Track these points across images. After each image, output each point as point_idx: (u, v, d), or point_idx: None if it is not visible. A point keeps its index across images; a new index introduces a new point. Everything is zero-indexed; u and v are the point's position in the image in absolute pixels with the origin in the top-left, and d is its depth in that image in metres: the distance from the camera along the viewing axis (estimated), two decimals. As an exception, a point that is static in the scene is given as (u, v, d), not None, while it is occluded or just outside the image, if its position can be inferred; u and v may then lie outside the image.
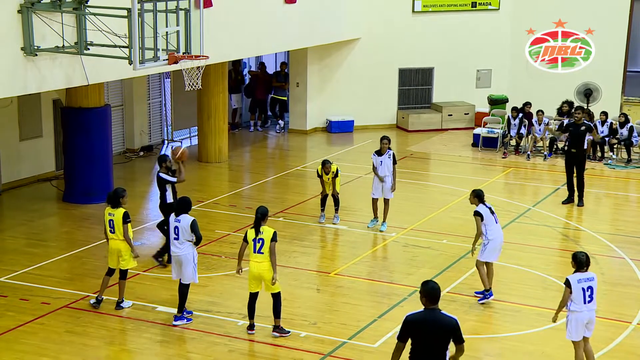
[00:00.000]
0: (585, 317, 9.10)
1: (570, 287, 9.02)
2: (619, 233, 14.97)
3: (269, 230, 10.19)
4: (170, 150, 12.24)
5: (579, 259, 9.10)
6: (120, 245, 10.96)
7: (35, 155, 17.49)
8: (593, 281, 9.12)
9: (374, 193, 14.56)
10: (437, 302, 7.29)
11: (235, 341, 10.34)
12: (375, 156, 14.42)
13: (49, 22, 11.65)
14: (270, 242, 10.11)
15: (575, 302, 9.03)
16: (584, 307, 9.04)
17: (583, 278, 9.06)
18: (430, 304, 7.27)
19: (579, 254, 9.16)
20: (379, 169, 14.34)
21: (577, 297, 9.02)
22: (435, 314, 7.26)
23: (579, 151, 16.26)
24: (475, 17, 23.81)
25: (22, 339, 10.30)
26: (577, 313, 9.06)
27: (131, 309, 11.17)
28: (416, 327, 7.24)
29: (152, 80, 21.01)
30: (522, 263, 13.17)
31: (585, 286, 9.03)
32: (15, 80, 11.62)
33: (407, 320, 7.28)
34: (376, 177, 14.42)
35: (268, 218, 10.43)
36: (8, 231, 14.49)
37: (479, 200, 11.42)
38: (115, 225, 10.90)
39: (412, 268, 12.95)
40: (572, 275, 9.11)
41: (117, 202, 10.96)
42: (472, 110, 23.81)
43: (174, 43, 12.07)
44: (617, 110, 22.62)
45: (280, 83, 23.42)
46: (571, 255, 9.26)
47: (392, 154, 14.34)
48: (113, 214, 10.92)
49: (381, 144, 14.31)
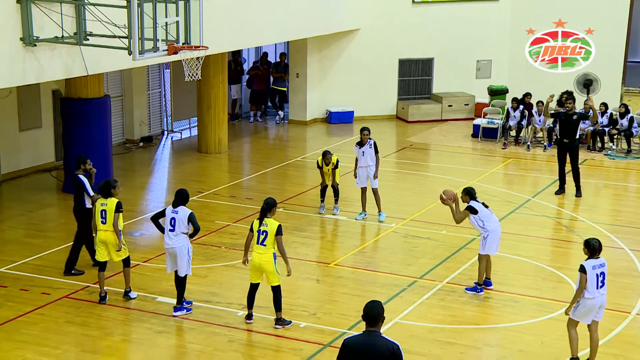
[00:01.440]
0: (598, 302, 9.16)
1: (586, 274, 9.04)
2: (618, 224, 14.97)
3: (273, 223, 10.17)
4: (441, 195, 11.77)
5: (592, 245, 9.15)
6: (111, 237, 10.85)
7: (34, 146, 17.48)
8: (604, 267, 9.19)
9: (358, 182, 14.65)
10: (376, 323, 6.53)
11: (235, 331, 10.35)
12: (357, 147, 14.52)
13: (48, 12, 11.62)
14: (275, 235, 10.12)
15: (588, 290, 9.06)
16: (596, 292, 9.09)
17: (597, 264, 9.12)
18: (369, 326, 6.54)
19: (592, 240, 9.19)
20: (361, 159, 14.44)
21: (591, 283, 9.05)
22: (375, 338, 6.50)
23: (571, 141, 16.25)
24: (475, 7, 23.75)
25: (22, 329, 10.31)
26: (590, 300, 9.09)
27: (132, 300, 11.19)
28: (353, 353, 6.50)
29: (151, 70, 20.98)
30: (522, 253, 13.18)
31: (598, 272, 9.09)
32: (14, 70, 11.59)
33: (345, 344, 6.58)
34: (360, 168, 14.50)
35: (275, 210, 10.39)
36: (8, 222, 14.49)
37: (470, 197, 11.48)
38: (107, 215, 10.81)
39: (412, 258, 12.96)
40: (586, 262, 9.13)
41: (109, 193, 10.86)
42: (472, 101, 23.78)
43: (174, 33, 12.04)
44: (617, 100, 22.60)
45: (280, 74, 23.38)
46: (583, 242, 9.27)
47: (373, 142, 14.43)
48: (106, 203, 10.83)
49: (361, 135, 14.40)
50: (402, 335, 10.24)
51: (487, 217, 11.40)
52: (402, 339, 10.11)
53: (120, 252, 10.95)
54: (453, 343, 10.16)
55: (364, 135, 14.36)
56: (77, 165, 12.01)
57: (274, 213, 10.32)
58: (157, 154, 20.02)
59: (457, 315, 10.95)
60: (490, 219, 11.42)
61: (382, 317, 6.58)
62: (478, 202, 11.47)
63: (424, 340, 10.20)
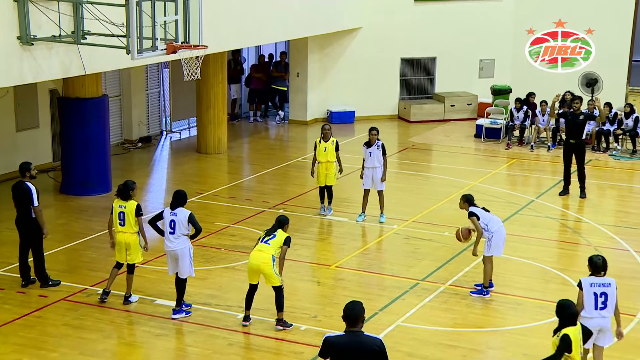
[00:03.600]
0: (597, 324, 8.55)
1: (582, 290, 8.58)
2: (623, 225, 14.82)
3: (282, 234, 10.18)
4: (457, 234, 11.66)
5: (594, 262, 8.68)
6: (130, 239, 10.81)
7: (32, 146, 17.35)
8: (609, 287, 8.59)
9: (364, 184, 14.49)
10: (357, 324, 6.64)
11: (234, 334, 10.23)
12: (365, 147, 14.38)
13: (46, 11, 11.50)
14: (282, 244, 10.11)
15: (585, 308, 8.55)
16: (595, 312, 8.56)
17: (597, 282, 8.59)
18: (350, 327, 6.66)
19: (595, 258, 8.73)
20: (368, 160, 14.29)
21: (588, 302, 8.54)
22: (358, 336, 6.64)
23: (578, 141, 16.11)
24: (478, 6, 23.60)
25: (20, 332, 10.20)
26: (588, 319, 8.47)
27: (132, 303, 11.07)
28: (338, 352, 6.63)
29: (150, 70, 20.84)
30: (525, 255, 13.04)
31: (598, 291, 8.55)
32: (11, 70, 11.48)
33: (327, 341, 6.69)
34: (367, 169, 14.34)
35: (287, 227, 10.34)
36: (5, 222, 14.32)
37: (469, 204, 11.39)
38: (126, 217, 10.74)
39: (414, 260, 12.82)
40: (585, 277, 8.68)
41: (128, 195, 10.80)
42: (475, 101, 23.63)
43: (173, 32, 11.91)
44: (622, 100, 22.45)
45: (280, 73, 23.24)
46: (587, 259, 8.84)
47: (382, 144, 14.27)
48: (124, 206, 10.77)
49: (370, 134, 14.28)
50: (404, 338, 10.14)
51: (489, 219, 11.33)
52: (405, 342, 10.02)
53: (138, 255, 10.87)
54: (456, 346, 10.04)
55: (372, 135, 14.21)
56: (22, 172, 11.36)
57: (285, 229, 10.27)
58: (155, 155, 19.88)
59: (459, 317, 10.83)
60: (491, 220, 11.33)
61: (362, 317, 6.69)
62: (477, 207, 11.39)
63: (427, 343, 10.08)
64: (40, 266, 11.56)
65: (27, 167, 11.42)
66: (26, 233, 11.49)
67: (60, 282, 11.67)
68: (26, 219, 11.40)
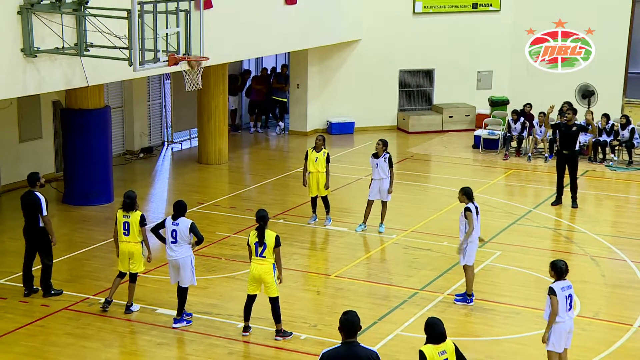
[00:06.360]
0: (567, 326, 8.88)
1: (556, 296, 8.77)
2: (619, 235, 14.91)
3: (271, 235, 10.18)
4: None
5: (559, 267, 8.88)
6: (133, 249, 10.91)
7: (34, 156, 17.45)
8: (572, 289, 8.93)
9: (370, 195, 14.57)
10: (354, 334, 6.68)
11: (234, 343, 10.30)
12: (372, 159, 14.46)
13: (49, 23, 11.62)
14: (274, 248, 10.12)
15: (559, 313, 8.78)
16: (566, 315, 8.83)
17: (565, 286, 8.87)
18: (347, 337, 6.69)
19: (559, 262, 8.94)
20: (375, 171, 14.39)
21: (561, 306, 8.78)
22: (354, 348, 6.67)
23: (571, 152, 16.23)
24: (476, 18, 23.77)
25: (22, 341, 10.27)
26: (560, 323, 8.80)
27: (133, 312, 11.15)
28: None
29: (152, 81, 20.98)
30: (523, 265, 13.12)
31: (566, 294, 8.84)
32: (14, 81, 11.59)
33: (324, 356, 6.71)
34: (374, 180, 14.44)
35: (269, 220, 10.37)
36: (8, 233, 14.46)
37: (468, 198, 11.37)
38: (131, 227, 10.86)
39: (413, 270, 12.91)
40: (555, 284, 8.87)
41: (134, 206, 10.93)
42: (473, 112, 23.77)
43: (174, 44, 12.03)
44: (618, 111, 22.58)
45: (281, 85, 23.38)
46: (550, 264, 9.02)
47: (389, 157, 14.32)
48: (129, 216, 10.89)
49: (377, 146, 14.36)
50: (403, 347, 10.20)
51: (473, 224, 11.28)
52: (403, 351, 10.09)
53: (141, 264, 10.98)
54: (454, 355, 10.08)
55: (378, 147, 14.30)
56: (31, 183, 11.50)
57: (267, 224, 10.26)
58: (157, 165, 20.00)
59: (458, 327, 10.89)
60: (475, 229, 11.31)
61: (358, 327, 6.72)
62: (474, 204, 11.36)
63: (425, 352, 10.12)
64: (47, 275, 11.65)
65: (36, 176, 11.58)
66: (34, 242, 11.60)
67: (63, 291, 11.76)
68: (34, 229, 11.54)
